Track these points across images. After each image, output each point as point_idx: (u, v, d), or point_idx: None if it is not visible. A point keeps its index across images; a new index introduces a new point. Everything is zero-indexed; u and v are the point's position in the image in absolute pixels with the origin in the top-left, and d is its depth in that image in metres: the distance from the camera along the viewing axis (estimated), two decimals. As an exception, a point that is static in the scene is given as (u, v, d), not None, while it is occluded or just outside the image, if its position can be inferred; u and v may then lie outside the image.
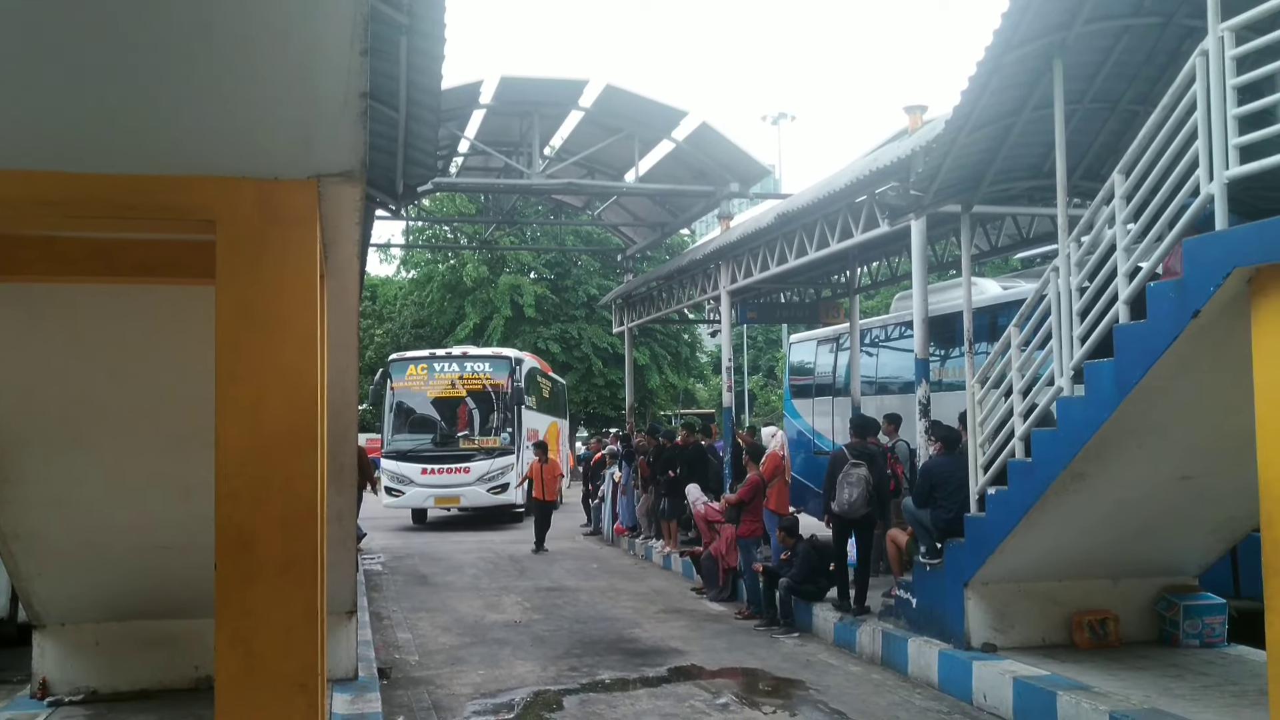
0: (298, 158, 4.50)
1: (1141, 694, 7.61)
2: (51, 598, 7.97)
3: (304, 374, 4.54)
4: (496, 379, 24.85)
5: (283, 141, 4.46)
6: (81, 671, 8.23)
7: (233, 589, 4.41)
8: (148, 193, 4.39)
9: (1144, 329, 7.04)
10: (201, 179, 4.45)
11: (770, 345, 54.75)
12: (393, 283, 44.38)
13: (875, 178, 12.75)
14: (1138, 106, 9.39)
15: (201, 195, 4.46)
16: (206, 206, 4.46)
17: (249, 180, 4.47)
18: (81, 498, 7.18)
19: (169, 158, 4.39)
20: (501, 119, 19.84)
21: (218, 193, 4.45)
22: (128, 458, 7.02)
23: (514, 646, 11.02)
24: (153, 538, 7.44)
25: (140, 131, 4.30)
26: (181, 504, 7.04)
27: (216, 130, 4.40)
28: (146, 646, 8.30)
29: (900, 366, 19.41)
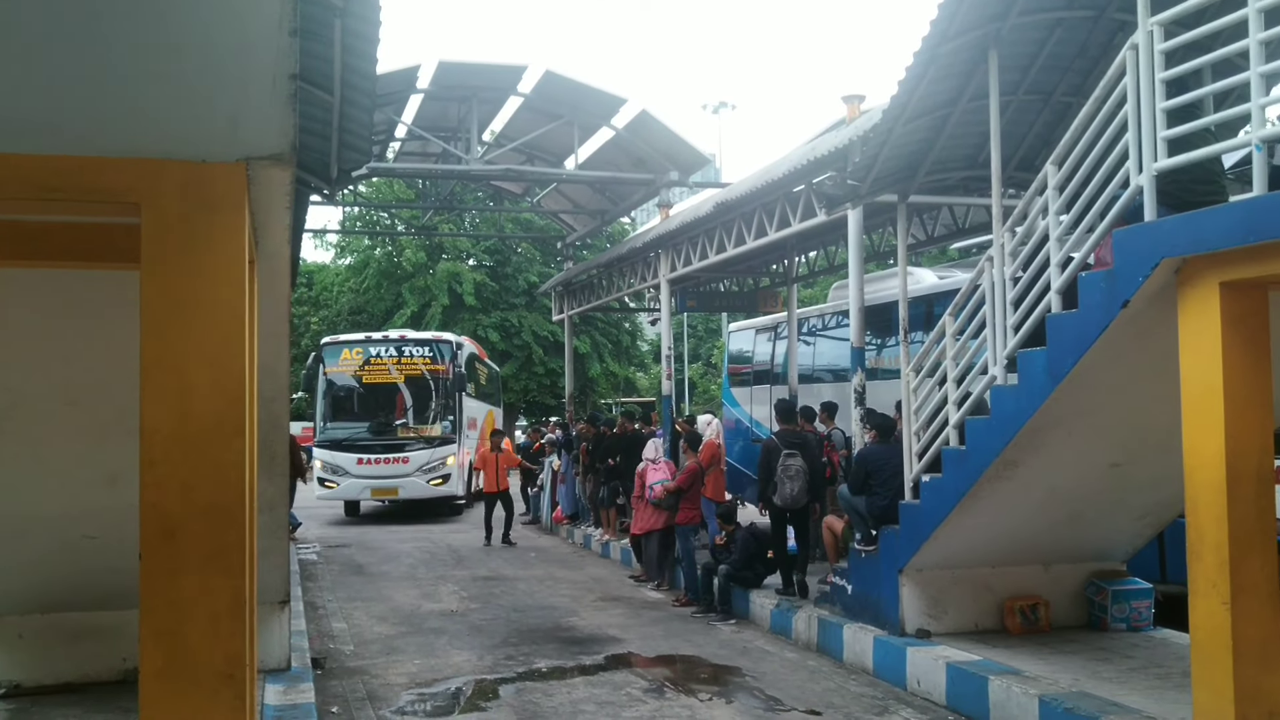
0: (226, 140, 4.41)
1: (1070, 677, 7.73)
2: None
3: (232, 360, 4.45)
4: (436, 364, 23.86)
5: (210, 123, 4.37)
6: (4, 665, 8.04)
7: (158, 579, 4.33)
8: (70, 175, 4.28)
9: (1075, 318, 7.13)
10: (126, 161, 4.35)
11: (710, 334, 54.90)
12: (329, 269, 43.84)
13: (813, 167, 12.81)
14: (1071, 98, 9.51)
15: (126, 177, 4.36)
16: (131, 189, 4.36)
17: (175, 162, 4.37)
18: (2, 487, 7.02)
19: (92, 139, 4.29)
20: (439, 104, 19.66)
21: (143, 175, 4.35)
22: (50, 445, 6.88)
23: (450, 636, 10.96)
24: (78, 527, 7.29)
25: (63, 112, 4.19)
26: (107, 493, 6.90)
27: (142, 111, 4.30)
28: (72, 639, 8.12)
29: (837, 355, 19.55)
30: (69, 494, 7.16)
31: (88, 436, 6.85)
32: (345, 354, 23.96)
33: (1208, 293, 6.07)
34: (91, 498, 7.11)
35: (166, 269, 4.36)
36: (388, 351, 23.87)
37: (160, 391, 4.33)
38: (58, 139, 4.28)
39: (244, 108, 4.34)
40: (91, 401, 6.71)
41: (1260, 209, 5.71)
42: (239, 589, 4.47)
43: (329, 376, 23.77)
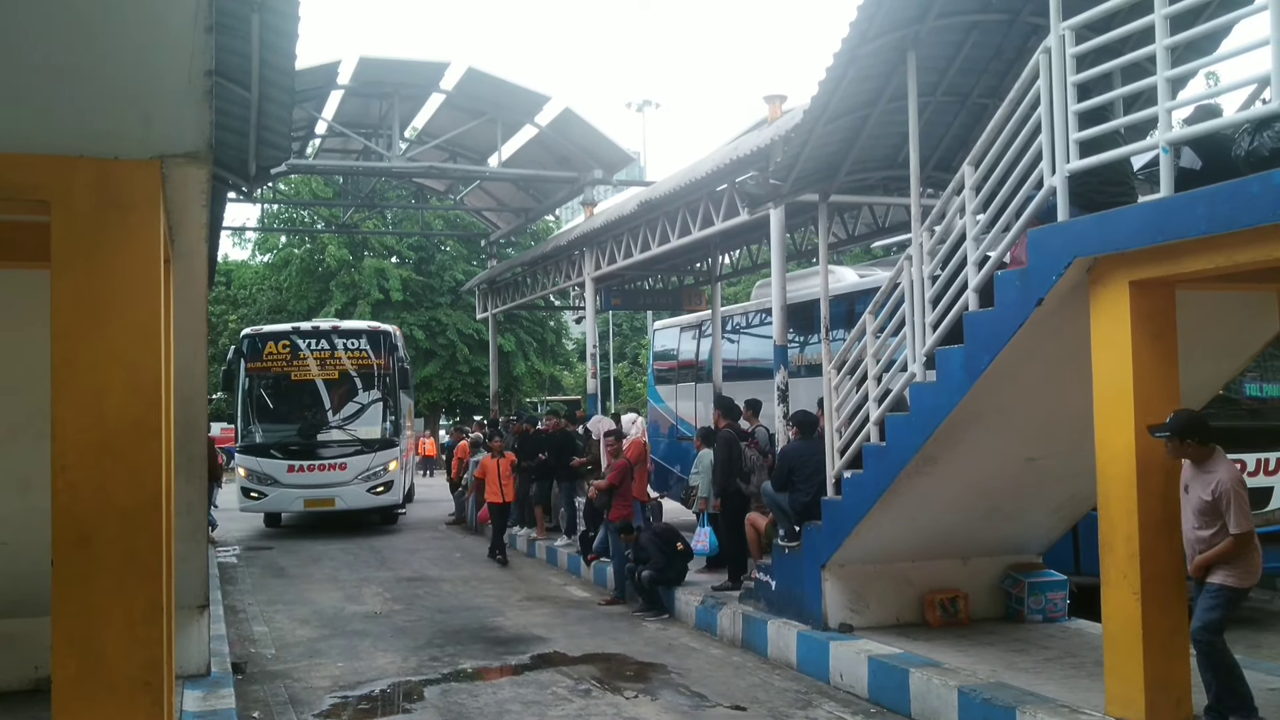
0: (139, 137, 4.33)
1: (988, 669, 7.88)
2: (-128, 600, 7.54)
3: (147, 361, 4.37)
4: (375, 357, 21.02)
5: (123, 120, 4.28)
6: (-89, 675, 7.81)
7: (71, 585, 4.23)
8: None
9: (991, 316, 7.27)
10: (35, 157, 4.25)
11: (636, 333, 54.97)
12: (248, 267, 43.11)
13: (735, 166, 12.89)
14: (987, 100, 9.68)
15: (35, 174, 4.26)
16: (40, 186, 4.26)
17: (87, 159, 4.28)
18: (-93, 493, 6.82)
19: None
20: (361, 100, 19.49)
21: (52, 172, 4.25)
22: (-42, 449, 6.69)
23: (374, 638, 10.85)
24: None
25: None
26: (18, 498, 6.75)
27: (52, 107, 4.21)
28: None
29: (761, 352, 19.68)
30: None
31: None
32: (270, 347, 20.83)
33: (1118, 291, 6.24)
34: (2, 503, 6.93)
35: (78, 268, 4.27)
36: (318, 344, 20.91)
37: (72, 394, 4.24)
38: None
39: (158, 104, 4.26)
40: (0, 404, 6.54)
41: (1168, 210, 5.88)
42: (155, 594, 4.39)
43: (251, 373, 20.70)
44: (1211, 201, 5.59)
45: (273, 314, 39.18)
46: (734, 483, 11.75)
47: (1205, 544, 6.16)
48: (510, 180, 22.14)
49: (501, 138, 19.82)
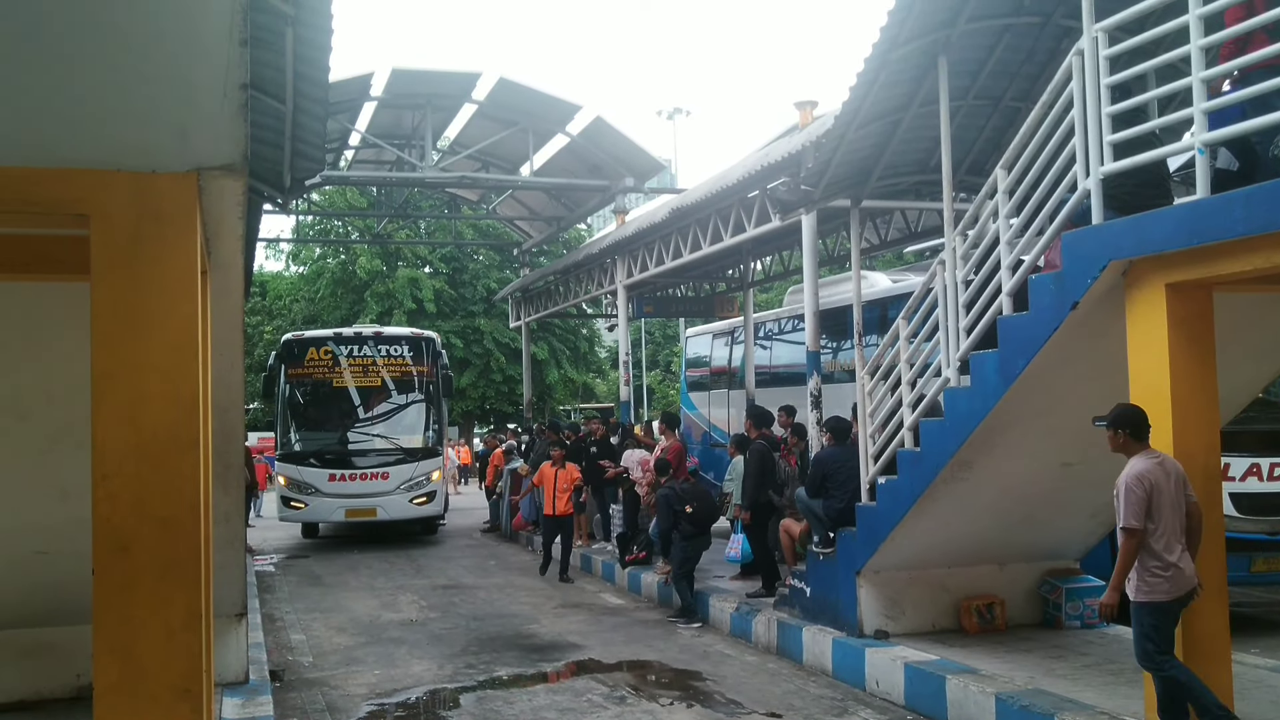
0: (176, 150, 4.38)
1: (1026, 675, 7.82)
2: (-81, 608, 7.66)
3: (185, 372, 4.42)
4: (417, 364, 20.45)
5: (160, 134, 4.34)
6: (-45, 683, 7.92)
7: (111, 594, 4.28)
8: (14, 186, 4.23)
9: (1026, 320, 7.23)
10: (74, 172, 4.31)
11: (668, 340, 54.98)
12: (283, 278, 43.47)
13: (767, 173, 12.89)
14: (1019, 103, 9.64)
15: (75, 189, 4.31)
16: (80, 200, 4.32)
17: (124, 173, 4.33)
18: (-51, 503, 6.93)
19: (39, 149, 4.24)
20: (393, 112, 19.65)
21: (92, 186, 4.31)
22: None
23: (410, 645, 10.90)
24: (28, 543, 7.20)
25: (8, 122, 4.14)
26: (58, 507, 6.83)
27: (91, 122, 4.26)
28: (24, 655, 8.00)
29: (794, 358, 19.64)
30: (18, 508, 7.07)
31: (37, 450, 6.77)
32: (311, 353, 20.16)
33: (1154, 294, 6.19)
34: (42, 512, 7.03)
35: (117, 281, 4.32)
36: (361, 350, 20.30)
37: (112, 404, 4.29)
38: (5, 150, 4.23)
39: (195, 118, 4.31)
40: (41, 415, 6.63)
41: (1204, 211, 5.82)
42: (194, 602, 4.43)
43: (291, 379, 20.10)
44: (1249, 202, 5.54)
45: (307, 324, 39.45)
46: (766, 494, 11.75)
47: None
48: (542, 189, 22.23)
49: (533, 147, 19.92)
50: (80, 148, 4.29)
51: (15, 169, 4.24)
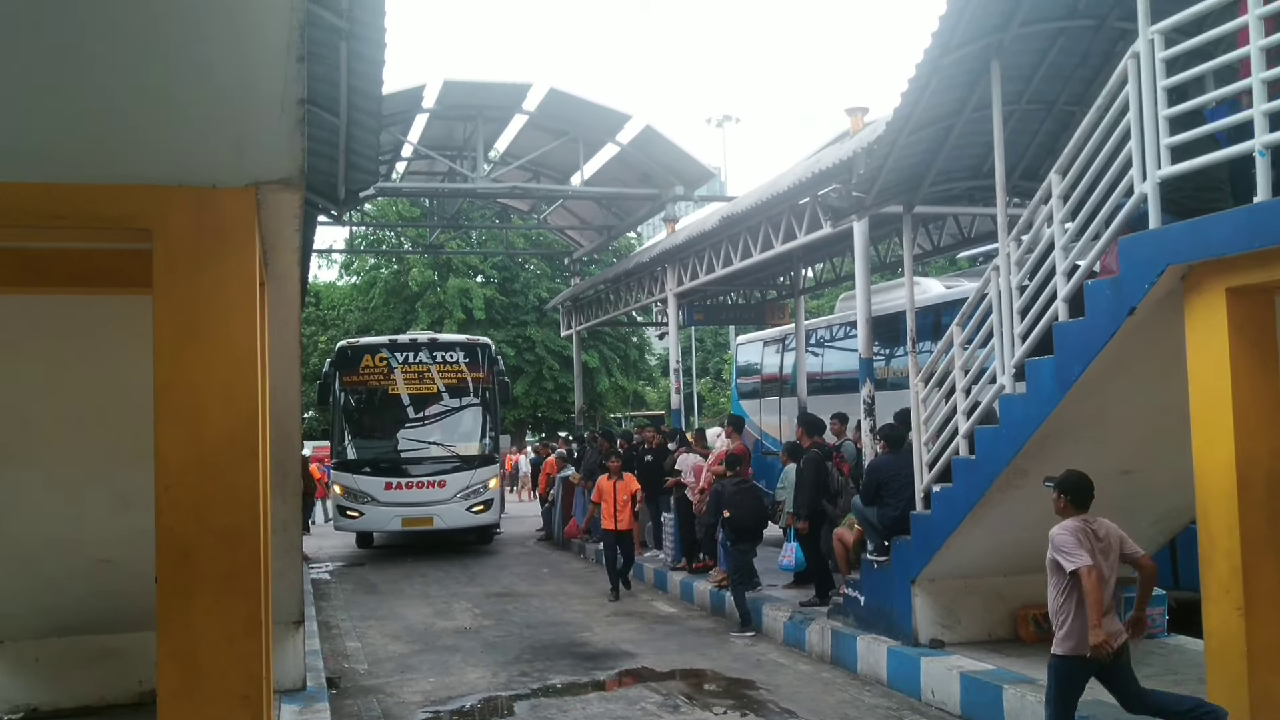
0: (235, 165, 4.46)
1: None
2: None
3: (244, 382, 4.49)
4: (473, 370, 20.20)
5: (219, 149, 4.41)
6: (22, 689, 8.08)
7: (174, 601, 4.35)
8: (79, 202, 4.32)
9: (1082, 326, 7.15)
10: (136, 188, 4.40)
11: (719, 348, 54.92)
12: (337, 288, 43.94)
13: (818, 179, 12.86)
14: (1073, 107, 9.53)
15: (136, 204, 4.40)
16: (142, 215, 4.40)
17: (185, 188, 4.41)
18: (15, 512, 7.08)
19: (102, 166, 4.33)
20: (445, 123, 19.80)
21: (153, 201, 4.39)
22: (61, 470, 6.92)
23: (464, 653, 10.97)
24: (91, 552, 7.34)
25: (72, 139, 4.24)
26: (119, 516, 6.96)
27: (151, 138, 4.34)
28: (89, 662, 8.17)
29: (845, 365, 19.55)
30: (82, 518, 7.21)
31: (99, 461, 6.90)
32: (366, 360, 20.00)
33: (1214, 299, 6.09)
34: (104, 521, 7.16)
35: (178, 293, 4.40)
36: (416, 357, 20.09)
37: (174, 415, 4.36)
38: (66, 167, 4.33)
39: (253, 133, 4.38)
40: (102, 426, 6.76)
41: (1265, 214, 5.73)
42: (254, 610, 4.49)
43: (346, 386, 19.96)
44: (1311, 205, 5.44)
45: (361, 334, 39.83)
46: (820, 504, 11.71)
47: (1054, 611, 6.21)
48: (592, 198, 22.32)
49: (583, 156, 20.00)
50: (143, 164, 4.38)
51: (81, 185, 4.33)
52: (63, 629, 8.06)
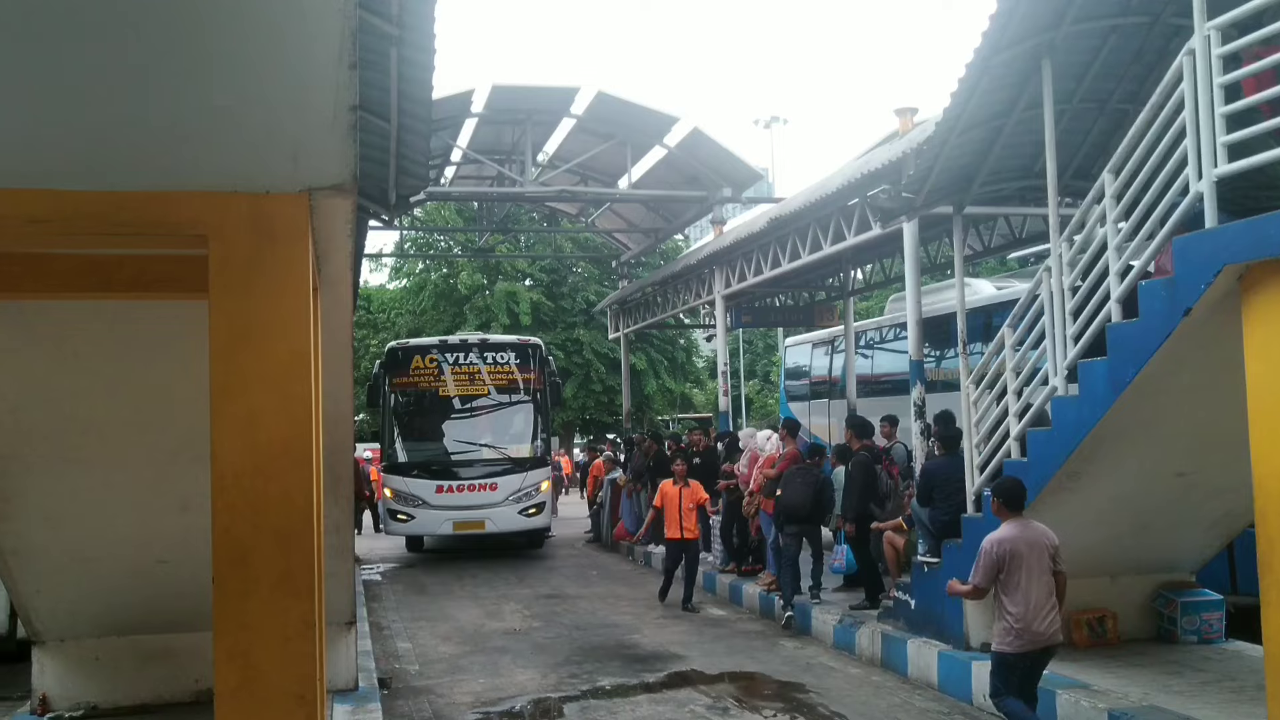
0: (289, 171, 4.51)
1: (1140, 691, 7.62)
2: (50, 614, 7.98)
3: (299, 386, 4.54)
4: (524, 371, 19.86)
5: (274, 156, 4.47)
6: (81, 687, 8.23)
7: (230, 602, 4.41)
8: (139, 209, 4.40)
9: (1136, 328, 7.07)
10: (193, 194, 4.47)
11: (767, 350, 54.75)
12: (386, 291, 44.27)
13: (867, 180, 12.80)
14: (1127, 105, 9.42)
15: (193, 210, 4.47)
16: (198, 222, 4.47)
17: (241, 195, 4.48)
18: (77, 513, 7.20)
19: (160, 174, 4.40)
20: (494, 127, 19.91)
21: (210, 208, 4.46)
22: (121, 472, 7.04)
23: (514, 654, 11.02)
24: (150, 552, 7.46)
25: (130, 148, 4.32)
26: (177, 518, 7.06)
27: (207, 146, 4.41)
28: (146, 661, 8.31)
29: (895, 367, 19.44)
30: (141, 519, 7.33)
31: (158, 463, 7.00)
32: (416, 361, 19.76)
33: (1272, 298, 5.99)
34: (162, 522, 7.27)
35: (234, 298, 4.47)
36: (467, 358, 19.78)
37: (230, 418, 4.42)
38: (126, 175, 4.40)
39: (306, 140, 4.44)
40: (160, 429, 6.86)
41: (1324, 213, 5.63)
42: (308, 611, 4.55)
43: (396, 388, 19.74)
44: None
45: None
46: (869, 507, 11.64)
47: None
48: (640, 201, 22.35)
49: (631, 159, 20.03)
50: (198, 171, 4.45)
51: (138, 193, 4.41)
52: (122, 628, 8.21)
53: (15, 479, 6.74)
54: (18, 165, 4.25)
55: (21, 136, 4.13)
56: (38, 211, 4.30)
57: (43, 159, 4.25)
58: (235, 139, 4.39)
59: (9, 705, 8.62)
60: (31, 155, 4.23)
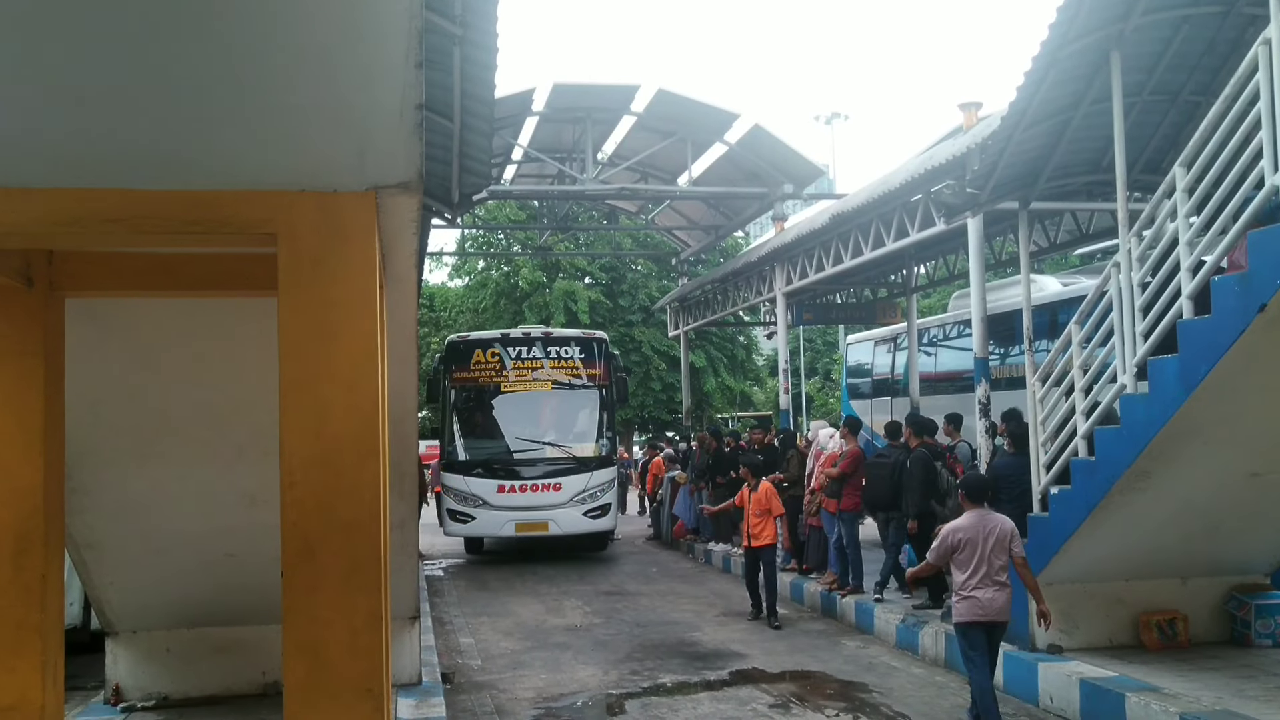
0: (356, 170, 4.55)
1: (1213, 695, 7.47)
2: (123, 605, 8.15)
3: (366, 382, 4.58)
4: (589, 366, 19.09)
5: (341, 155, 4.51)
6: (153, 678, 8.40)
7: (299, 595, 4.46)
8: (210, 208, 4.46)
9: (1208, 324, 6.92)
10: (263, 193, 4.52)
11: (827, 348, 54.45)
12: (448, 289, 44.62)
13: (931, 176, 12.69)
14: (1199, 98, 9.25)
15: (263, 209, 4.52)
16: (268, 220, 4.52)
17: (309, 193, 4.52)
18: (150, 507, 7.35)
19: (231, 173, 4.46)
20: (554, 126, 19.98)
21: (279, 206, 4.51)
22: (192, 467, 7.16)
23: (575, 651, 11.06)
24: (218, 545, 7.58)
25: (205, 148, 4.38)
26: (245, 512, 7.17)
27: (278, 145, 4.46)
28: (215, 653, 8.46)
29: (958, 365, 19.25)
30: (210, 513, 7.45)
31: (226, 458, 7.11)
32: (477, 355, 18.98)
33: (1351, 295, 5.85)
34: (231, 517, 7.39)
35: (302, 296, 4.51)
36: (530, 352, 19.01)
37: (299, 414, 4.47)
38: (198, 174, 4.47)
39: (373, 139, 4.47)
40: (229, 424, 6.96)
41: (1406, 206, 5.49)
42: (375, 605, 4.59)
43: (456, 383, 18.95)
44: None
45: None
46: (929, 504, 11.51)
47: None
48: (700, 198, 22.31)
49: (691, 156, 20.01)
50: (268, 170, 4.50)
51: (209, 192, 4.47)
52: (191, 620, 8.36)
53: (92, 473, 6.88)
54: (94, 164, 4.33)
55: (97, 137, 4.21)
56: (114, 211, 4.38)
57: (117, 158, 4.33)
58: (305, 138, 4.44)
59: (84, 695, 8.82)
60: (106, 155, 4.30)
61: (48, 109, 4.03)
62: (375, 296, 4.67)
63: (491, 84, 7.94)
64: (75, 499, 6.96)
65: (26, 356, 5.25)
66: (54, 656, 5.34)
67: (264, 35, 3.89)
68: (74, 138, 4.21)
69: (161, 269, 5.42)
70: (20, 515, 5.21)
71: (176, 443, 7.01)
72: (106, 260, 5.43)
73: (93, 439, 6.69)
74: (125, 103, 4.07)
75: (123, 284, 5.49)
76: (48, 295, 5.30)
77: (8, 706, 5.10)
